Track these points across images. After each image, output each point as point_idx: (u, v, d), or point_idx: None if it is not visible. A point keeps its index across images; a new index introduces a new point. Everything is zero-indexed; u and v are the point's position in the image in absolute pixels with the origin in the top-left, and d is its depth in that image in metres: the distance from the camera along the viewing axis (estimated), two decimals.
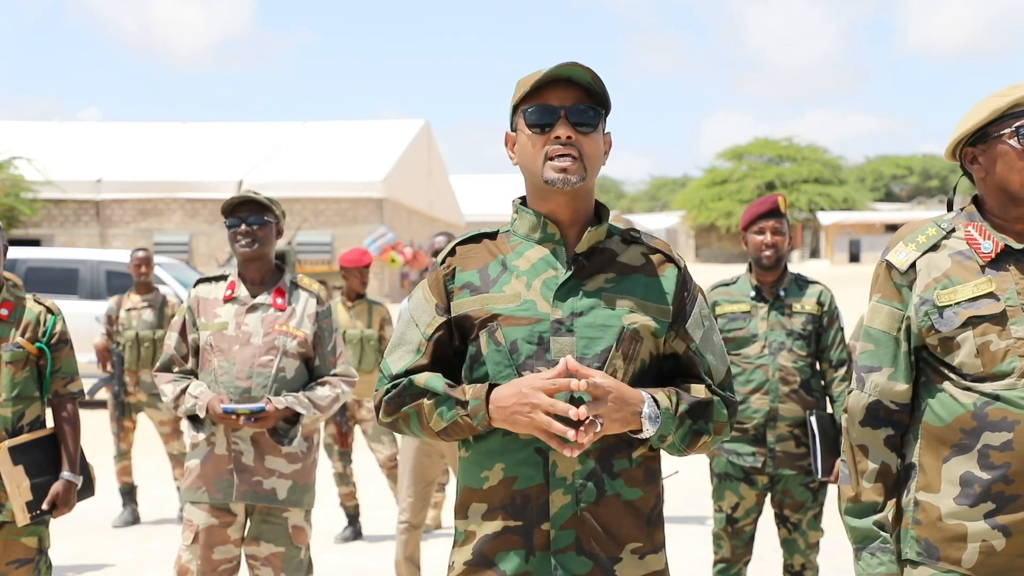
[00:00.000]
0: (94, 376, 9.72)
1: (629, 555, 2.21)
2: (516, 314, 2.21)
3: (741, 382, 4.56)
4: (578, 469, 2.18)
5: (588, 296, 2.22)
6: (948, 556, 2.42)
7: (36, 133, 35.58)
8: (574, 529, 2.18)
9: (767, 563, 5.94)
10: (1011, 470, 2.34)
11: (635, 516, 2.22)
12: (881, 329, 2.54)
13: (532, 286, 2.23)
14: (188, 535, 3.99)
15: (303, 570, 4.03)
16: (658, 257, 2.29)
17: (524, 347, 2.20)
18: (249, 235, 3.99)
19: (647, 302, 2.23)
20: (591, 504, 2.18)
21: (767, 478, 4.60)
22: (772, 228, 4.57)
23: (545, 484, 2.18)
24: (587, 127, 2.21)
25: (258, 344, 3.96)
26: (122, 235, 32.17)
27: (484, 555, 2.22)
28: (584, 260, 2.25)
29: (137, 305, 7.55)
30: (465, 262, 2.31)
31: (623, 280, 2.24)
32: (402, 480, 5.26)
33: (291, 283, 4.11)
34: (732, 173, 63.19)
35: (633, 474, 2.22)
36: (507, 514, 2.21)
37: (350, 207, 32.64)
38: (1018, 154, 2.44)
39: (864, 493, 2.53)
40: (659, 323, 2.23)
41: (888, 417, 2.53)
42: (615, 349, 2.19)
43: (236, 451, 3.93)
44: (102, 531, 7.26)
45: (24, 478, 3.78)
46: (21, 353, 3.82)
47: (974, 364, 2.40)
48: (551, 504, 2.18)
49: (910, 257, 2.51)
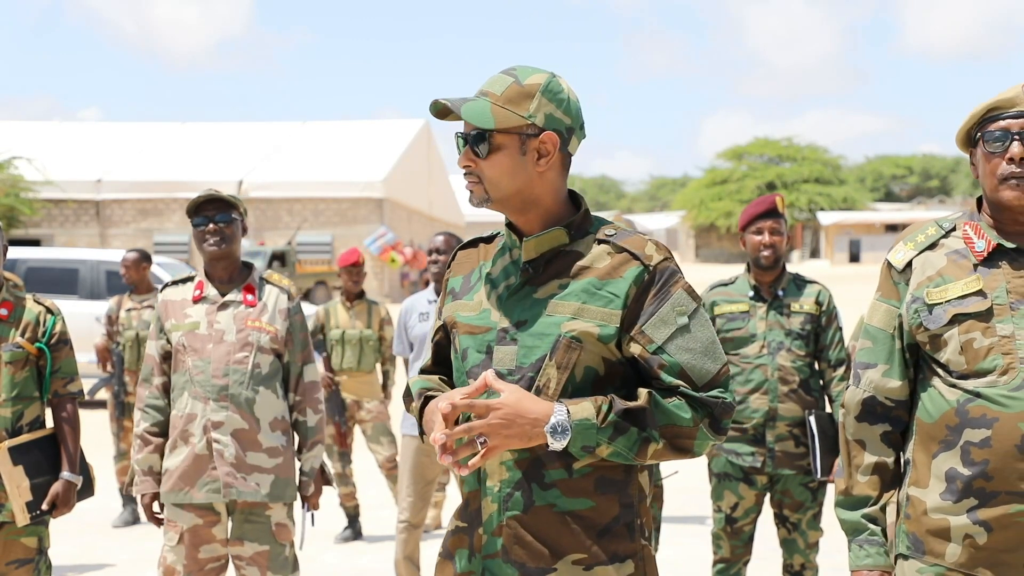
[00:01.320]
0: (94, 376, 9.72)
1: (569, 567, 2.17)
2: (471, 322, 2.26)
3: (740, 382, 4.56)
4: (505, 478, 2.19)
5: (536, 304, 2.20)
6: (932, 550, 2.45)
7: (36, 133, 35.59)
8: (500, 537, 2.20)
9: (767, 563, 5.95)
10: (990, 467, 2.37)
11: (579, 527, 2.18)
12: (878, 327, 2.58)
13: (491, 295, 2.26)
14: (172, 536, 3.98)
15: (289, 567, 4.02)
16: (622, 257, 2.20)
17: (473, 355, 2.24)
18: (217, 233, 3.99)
19: (591, 306, 2.17)
20: (519, 513, 2.18)
21: (766, 478, 4.60)
22: (770, 228, 4.57)
23: (479, 491, 2.24)
24: (480, 151, 2.21)
25: (232, 341, 3.96)
26: (122, 235, 32.18)
27: (447, 549, 2.32)
28: (530, 268, 2.23)
29: (137, 305, 7.55)
30: (458, 267, 2.38)
31: (573, 285, 2.20)
32: (402, 480, 5.26)
33: (260, 279, 4.11)
34: (732, 173, 63.22)
35: (575, 485, 2.17)
36: (459, 515, 2.30)
37: (350, 207, 32.64)
38: (987, 158, 2.48)
39: (856, 487, 2.57)
40: (603, 327, 2.16)
41: (885, 413, 2.56)
42: (548, 358, 2.16)
43: (217, 449, 3.93)
44: (102, 531, 7.26)
45: (24, 478, 3.79)
46: (21, 353, 3.83)
47: (959, 361, 2.43)
48: (483, 510, 2.22)
49: (907, 256, 2.55)
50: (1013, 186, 2.43)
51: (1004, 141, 2.45)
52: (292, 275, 26.53)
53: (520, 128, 2.19)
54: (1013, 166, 2.43)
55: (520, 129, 2.19)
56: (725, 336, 4.63)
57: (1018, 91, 2.47)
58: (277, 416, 4.02)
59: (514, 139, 2.19)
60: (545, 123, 2.20)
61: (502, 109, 2.19)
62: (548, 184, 2.23)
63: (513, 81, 2.21)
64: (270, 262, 26.01)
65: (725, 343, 4.64)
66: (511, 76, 2.22)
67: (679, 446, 2.14)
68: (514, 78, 2.21)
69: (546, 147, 2.21)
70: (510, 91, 2.20)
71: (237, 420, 3.93)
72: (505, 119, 2.18)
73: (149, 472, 4.01)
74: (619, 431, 2.09)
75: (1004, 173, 2.44)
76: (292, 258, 27.46)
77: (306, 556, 6.49)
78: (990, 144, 2.46)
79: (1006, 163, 2.44)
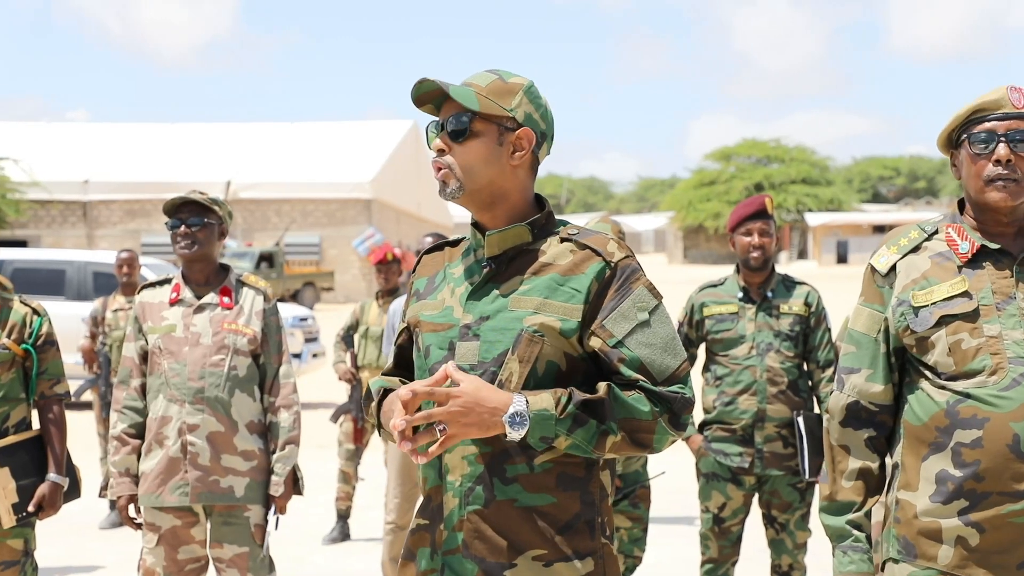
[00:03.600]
0: (80, 377, 9.68)
1: (529, 562, 2.17)
2: (434, 320, 2.29)
3: (729, 383, 4.57)
4: (466, 472, 2.20)
5: (498, 300, 2.22)
6: (924, 553, 2.44)
7: (24, 134, 35.47)
8: (461, 532, 2.20)
9: (755, 563, 5.95)
10: (981, 467, 2.37)
11: (540, 523, 2.18)
12: (862, 331, 2.58)
13: (455, 293, 2.28)
14: (151, 538, 3.96)
15: (267, 568, 4.03)
16: (584, 254, 2.23)
17: (435, 352, 2.26)
18: (188, 236, 3.98)
19: (553, 300, 2.19)
20: (479, 508, 2.19)
21: (754, 478, 4.60)
22: (759, 229, 4.58)
23: (440, 486, 2.24)
24: (458, 135, 2.22)
25: (208, 344, 3.96)
26: (109, 236, 32.08)
27: (409, 549, 2.31)
28: (492, 264, 2.25)
29: (124, 306, 7.53)
30: (423, 270, 2.41)
31: (535, 280, 2.22)
32: (389, 481, 5.26)
33: (237, 281, 4.10)
34: (720, 174, 63.25)
35: (537, 480, 2.18)
36: (421, 512, 2.30)
37: (338, 208, 32.60)
38: (972, 159, 2.48)
39: (841, 492, 2.57)
40: (565, 322, 2.18)
41: (869, 418, 2.56)
42: (511, 352, 2.17)
43: (192, 452, 3.91)
44: (88, 533, 7.24)
45: (10, 480, 3.77)
46: (7, 355, 3.81)
47: (947, 363, 2.43)
48: (444, 506, 2.23)
49: (891, 260, 2.55)
50: (1000, 187, 2.44)
51: (990, 143, 2.45)
52: (280, 276, 26.48)
53: (501, 119, 2.24)
54: (1000, 167, 2.43)
55: (500, 120, 2.24)
56: (714, 337, 4.64)
57: (1003, 93, 2.47)
58: (254, 419, 4.01)
59: (493, 128, 2.24)
60: (524, 120, 2.26)
61: (486, 98, 2.24)
62: (518, 180, 2.27)
63: (497, 78, 2.27)
64: (258, 263, 25.94)
65: (714, 344, 4.65)
66: (495, 74, 2.29)
67: (638, 440, 2.15)
68: (498, 75, 2.28)
69: (522, 142, 2.25)
70: (494, 85, 2.26)
71: (213, 423, 3.92)
72: (487, 107, 2.23)
73: (126, 474, 3.99)
74: (577, 423, 2.10)
75: (991, 175, 2.44)
76: (280, 259, 27.39)
77: (294, 557, 6.48)
78: (976, 146, 2.47)
79: (992, 164, 2.44)
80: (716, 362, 4.65)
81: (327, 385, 13.71)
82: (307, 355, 13.40)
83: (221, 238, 4.08)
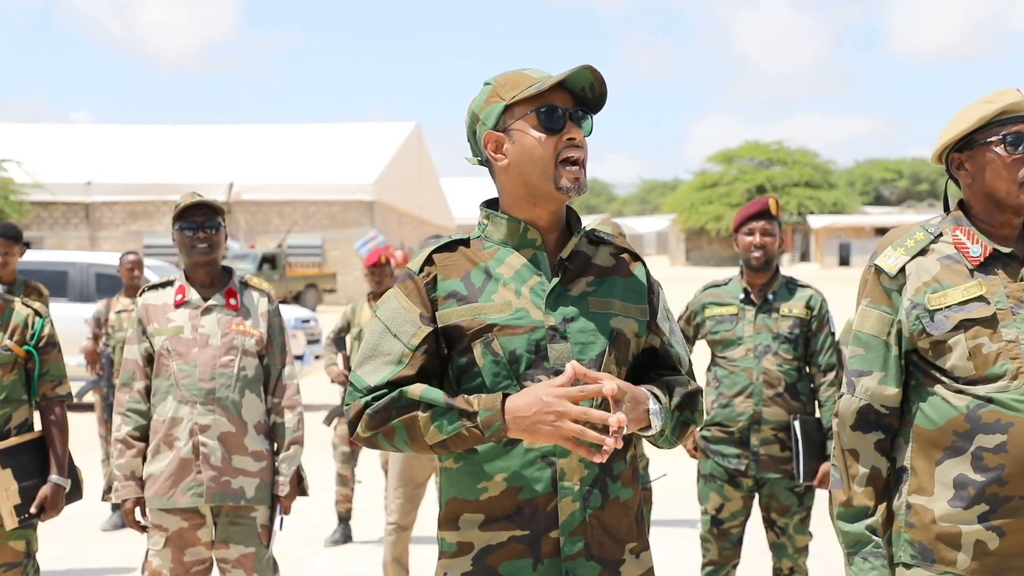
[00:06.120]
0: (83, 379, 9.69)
1: (629, 555, 2.24)
2: (511, 323, 2.17)
3: (727, 384, 4.56)
4: (585, 475, 2.18)
5: (575, 301, 2.22)
6: (943, 558, 2.44)
7: (26, 135, 35.50)
8: (583, 535, 2.18)
9: (757, 566, 5.95)
10: (1005, 472, 2.37)
11: (630, 516, 2.26)
12: (871, 333, 2.55)
13: (521, 294, 2.20)
14: (158, 540, 3.96)
15: (271, 569, 4.05)
16: (627, 256, 2.32)
17: (523, 355, 2.17)
18: (206, 240, 4.00)
19: (628, 303, 2.26)
20: (597, 509, 2.20)
21: (752, 481, 4.60)
22: (761, 229, 4.57)
23: (553, 492, 2.17)
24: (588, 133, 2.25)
25: (217, 345, 3.97)
26: (112, 237, 32.09)
27: (488, 565, 2.18)
28: (569, 265, 2.25)
29: (127, 307, 7.53)
30: (446, 271, 2.24)
31: (602, 283, 2.26)
32: (390, 482, 5.26)
33: (240, 283, 4.11)
34: (722, 176, 63.26)
35: (627, 475, 2.26)
36: (512, 524, 2.18)
37: (340, 210, 32.59)
38: (1004, 162, 2.47)
39: (855, 497, 2.54)
40: (640, 323, 2.27)
41: (879, 421, 2.54)
42: (608, 353, 2.19)
43: (204, 452, 3.92)
44: (90, 535, 7.24)
45: (12, 481, 3.78)
46: (9, 356, 3.82)
47: (966, 367, 2.42)
48: (560, 512, 2.17)
49: (899, 261, 2.53)
50: None
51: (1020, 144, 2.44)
52: (282, 278, 26.48)
53: None
54: None
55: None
56: (714, 338, 4.64)
57: (1019, 96, 2.48)
58: (261, 420, 4.03)
59: None
60: None
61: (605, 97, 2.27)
62: None
63: None
64: (260, 265, 25.94)
65: (714, 345, 4.65)
66: None
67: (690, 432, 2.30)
68: None
69: None
70: None
71: (224, 423, 3.93)
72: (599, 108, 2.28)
73: (131, 477, 3.99)
74: (672, 415, 2.22)
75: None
76: (282, 261, 27.38)
77: (296, 559, 6.48)
78: (1009, 147, 2.45)
79: None
80: (716, 363, 4.66)
81: (330, 387, 13.71)
82: (309, 357, 13.40)
83: (224, 240, 4.10)
